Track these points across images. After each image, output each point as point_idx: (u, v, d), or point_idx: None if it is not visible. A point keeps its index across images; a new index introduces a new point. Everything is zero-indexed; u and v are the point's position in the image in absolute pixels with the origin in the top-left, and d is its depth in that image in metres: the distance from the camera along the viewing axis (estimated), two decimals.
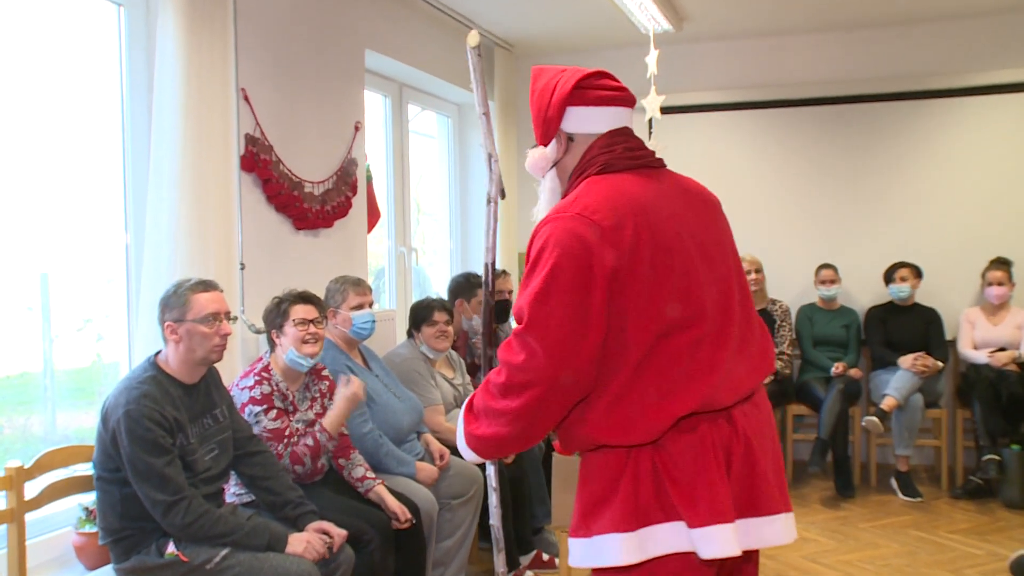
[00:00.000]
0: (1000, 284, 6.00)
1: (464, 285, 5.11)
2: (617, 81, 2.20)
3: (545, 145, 2.22)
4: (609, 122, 2.15)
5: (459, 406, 4.54)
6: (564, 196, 2.14)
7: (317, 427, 3.50)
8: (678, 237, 1.99)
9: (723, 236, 2.15)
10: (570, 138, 2.17)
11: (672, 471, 1.94)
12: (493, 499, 2.54)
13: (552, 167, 2.23)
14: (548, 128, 2.17)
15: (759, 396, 2.12)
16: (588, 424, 1.99)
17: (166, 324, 2.93)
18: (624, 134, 2.15)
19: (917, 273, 6.21)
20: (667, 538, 1.94)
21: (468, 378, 4.77)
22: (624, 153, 2.10)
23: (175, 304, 2.93)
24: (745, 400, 2.05)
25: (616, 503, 1.96)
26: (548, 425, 2.02)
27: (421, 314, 4.52)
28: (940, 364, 5.91)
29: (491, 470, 2.49)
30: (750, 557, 2.14)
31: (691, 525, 1.91)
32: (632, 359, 1.93)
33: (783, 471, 2.13)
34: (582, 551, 2.03)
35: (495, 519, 2.58)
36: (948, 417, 6.09)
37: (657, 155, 2.19)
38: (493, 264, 2.43)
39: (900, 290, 6.16)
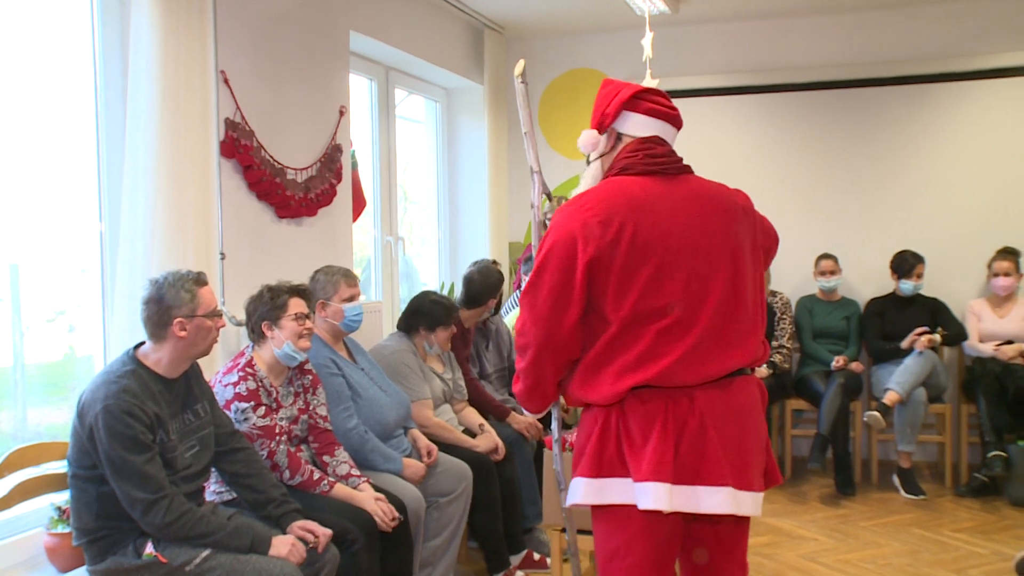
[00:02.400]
0: (1007, 275, 5.93)
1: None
2: (670, 102, 2.57)
3: (599, 133, 2.58)
4: (653, 131, 2.52)
5: (448, 401, 4.52)
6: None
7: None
8: (666, 236, 2.34)
9: (732, 239, 2.44)
10: (619, 137, 2.55)
11: (628, 432, 2.37)
12: (556, 449, 3.03)
13: (599, 158, 2.60)
14: (603, 121, 2.55)
15: (736, 383, 2.42)
16: (573, 384, 2.48)
17: (177, 320, 2.86)
18: (653, 142, 2.50)
19: (924, 266, 6.13)
20: (618, 490, 2.36)
21: (459, 372, 4.67)
22: (644, 159, 2.45)
23: (187, 300, 2.88)
24: (713, 383, 2.37)
25: (588, 453, 2.42)
26: (550, 380, 2.49)
27: (440, 317, 4.43)
28: (939, 337, 5.82)
29: (555, 425, 2.98)
30: (718, 531, 2.51)
31: (634, 480, 2.32)
32: (606, 335, 2.36)
33: (754, 453, 2.43)
34: (571, 491, 2.46)
35: (557, 464, 3.03)
36: (952, 412, 6.01)
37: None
38: (530, 259, 2.80)
39: (917, 287, 6.09)
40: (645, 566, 2.41)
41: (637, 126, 2.52)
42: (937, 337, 5.82)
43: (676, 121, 2.56)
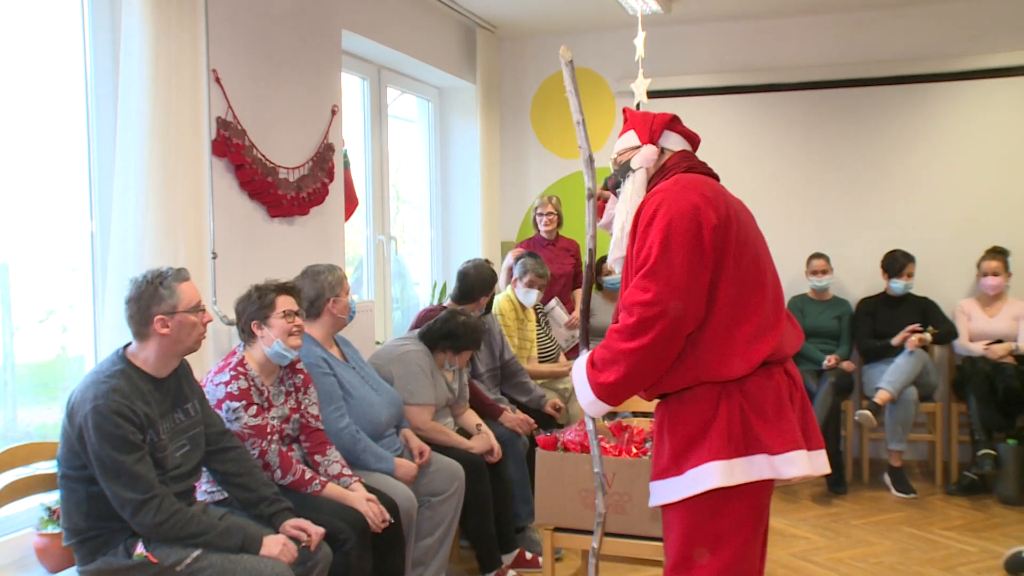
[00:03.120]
0: (995, 275, 5.95)
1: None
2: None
3: (645, 142, 2.75)
4: (685, 148, 2.78)
5: (449, 406, 4.54)
6: (650, 191, 2.65)
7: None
8: (749, 223, 2.59)
9: (764, 239, 2.69)
10: (662, 151, 2.74)
11: (757, 408, 2.44)
12: (596, 450, 2.82)
13: (641, 168, 2.72)
14: (653, 137, 2.74)
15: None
16: (698, 357, 2.46)
17: (157, 318, 2.84)
18: (694, 155, 2.78)
19: (915, 265, 6.15)
20: (751, 468, 2.42)
21: (465, 379, 4.66)
22: (700, 164, 2.71)
23: (166, 296, 2.86)
24: (791, 358, 2.62)
25: (713, 436, 2.43)
26: (671, 356, 2.45)
27: (469, 342, 4.46)
28: (929, 336, 5.83)
29: (590, 423, 2.83)
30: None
31: (774, 453, 2.41)
32: (727, 303, 2.44)
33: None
34: (673, 487, 2.48)
35: (598, 466, 2.84)
36: (943, 411, 6.03)
37: None
38: (593, 251, 2.82)
39: (908, 286, 6.10)
40: (755, 539, 2.52)
41: (675, 142, 2.76)
42: (928, 336, 5.82)
43: (698, 144, 2.83)
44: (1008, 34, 6.25)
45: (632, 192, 2.71)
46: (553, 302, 5.96)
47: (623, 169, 2.77)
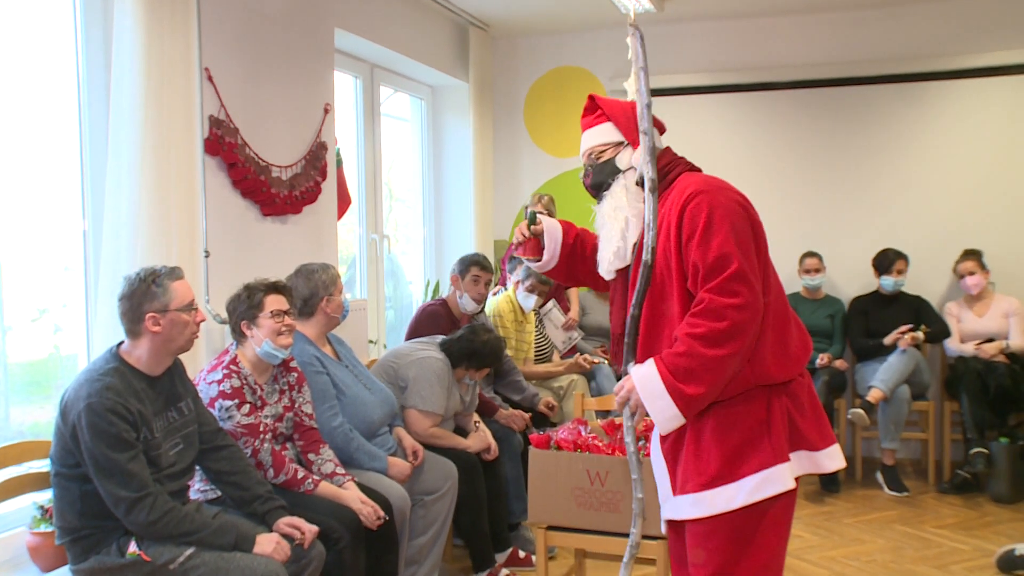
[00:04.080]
0: (972, 273, 5.98)
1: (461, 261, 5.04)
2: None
3: (635, 148, 2.62)
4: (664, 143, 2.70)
5: (456, 413, 4.50)
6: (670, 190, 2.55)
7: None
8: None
9: None
10: None
11: (799, 406, 2.45)
12: (636, 475, 2.53)
13: (629, 169, 2.64)
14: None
15: None
16: (760, 361, 2.37)
17: (149, 315, 2.84)
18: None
19: (907, 262, 6.16)
20: (798, 465, 2.44)
21: (478, 390, 4.63)
22: (688, 162, 2.65)
23: (158, 294, 2.86)
24: None
25: (773, 439, 2.39)
26: (745, 359, 2.36)
27: (490, 361, 4.46)
28: (921, 334, 5.83)
29: (631, 441, 2.55)
30: None
31: (817, 448, 2.45)
32: (773, 306, 2.41)
33: None
34: (729, 495, 2.38)
35: (640, 492, 2.57)
36: (935, 410, 6.04)
37: None
38: (654, 248, 2.42)
39: (897, 283, 6.10)
40: (788, 535, 2.54)
41: (660, 141, 2.68)
42: (920, 335, 5.83)
43: (663, 130, 2.75)
44: (1000, 33, 6.27)
45: (628, 197, 2.60)
46: (550, 304, 5.96)
47: (608, 169, 2.66)
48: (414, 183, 7.01)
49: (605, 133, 2.68)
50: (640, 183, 2.53)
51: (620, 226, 2.59)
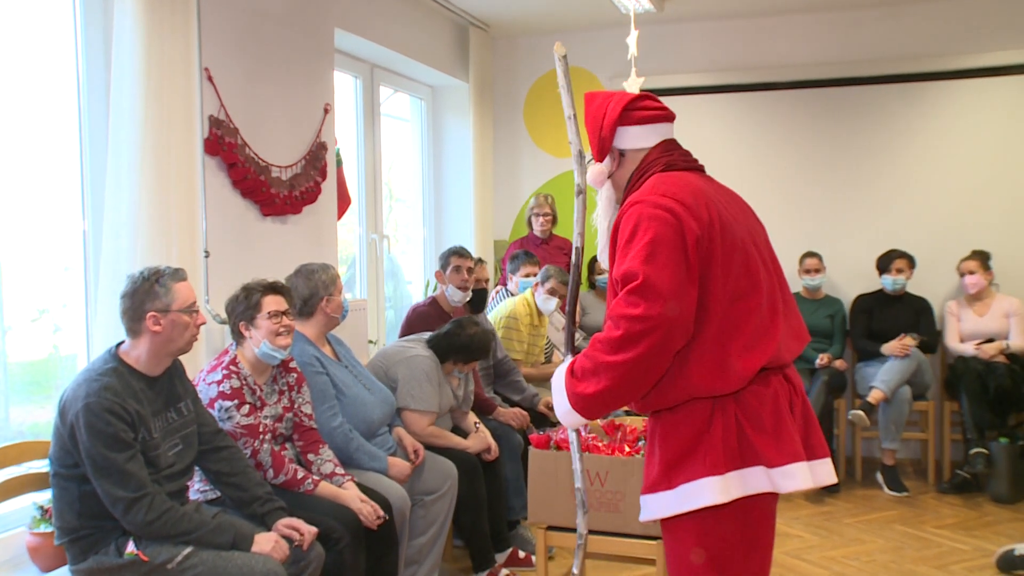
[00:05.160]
0: (972, 272, 5.97)
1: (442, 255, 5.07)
2: (659, 102, 2.60)
3: (600, 161, 2.60)
4: (655, 137, 2.56)
5: (450, 412, 4.50)
6: (624, 200, 2.48)
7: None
8: (736, 223, 2.40)
9: (763, 231, 2.56)
10: (622, 154, 2.57)
11: (753, 419, 2.32)
12: (578, 465, 2.67)
13: (607, 179, 2.61)
14: (603, 146, 2.57)
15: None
16: (687, 375, 2.31)
17: (150, 315, 2.84)
18: (675, 144, 2.57)
19: (911, 263, 6.14)
20: (748, 481, 2.30)
21: (471, 386, 4.64)
22: (681, 158, 2.53)
23: (161, 294, 2.86)
24: (791, 364, 2.51)
25: (705, 450, 2.31)
26: (657, 374, 2.29)
27: (478, 354, 4.43)
28: (916, 341, 5.82)
29: (572, 436, 2.71)
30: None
31: (771, 465, 2.30)
32: (717, 316, 2.30)
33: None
34: (665, 502, 2.36)
35: (579, 481, 2.70)
36: (935, 410, 6.04)
37: None
38: (580, 249, 2.63)
39: (896, 282, 6.08)
40: (753, 556, 2.40)
41: (636, 138, 2.55)
42: (910, 341, 5.81)
43: (670, 117, 2.60)
44: (1000, 33, 6.27)
45: (603, 208, 2.63)
46: (553, 304, 5.94)
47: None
48: (414, 183, 7.00)
49: (595, 171, 2.66)
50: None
51: (602, 229, 2.62)
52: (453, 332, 4.37)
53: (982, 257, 6.02)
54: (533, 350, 5.47)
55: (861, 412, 5.61)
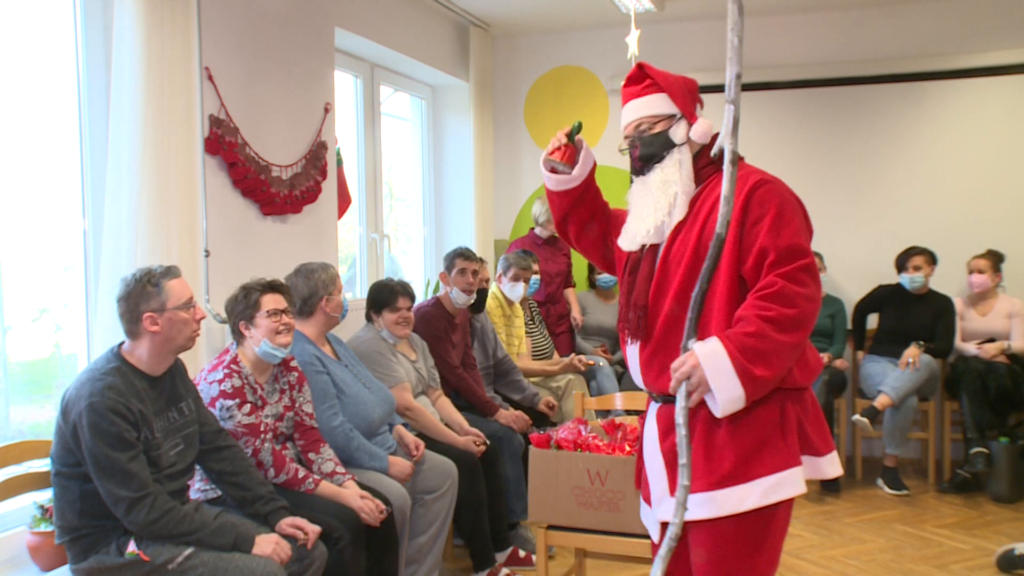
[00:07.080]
0: (980, 272, 5.92)
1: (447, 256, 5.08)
2: None
3: (692, 114, 2.59)
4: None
5: (424, 391, 4.52)
6: (700, 170, 2.54)
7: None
8: None
9: None
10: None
11: (809, 412, 2.44)
12: (683, 431, 2.21)
13: (685, 144, 2.57)
14: (693, 109, 2.61)
15: None
16: (797, 365, 2.37)
17: (146, 316, 2.84)
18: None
19: (932, 260, 6.01)
20: (807, 470, 2.41)
21: (431, 360, 4.66)
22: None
23: (155, 294, 2.86)
24: None
25: (786, 441, 2.35)
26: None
27: (382, 297, 4.43)
28: (922, 349, 5.78)
29: (683, 431, 2.24)
30: None
31: (822, 454, 2.43)
32: None
33: None
34: (741, 496, 2.32)
35: (684, 457, 2.43)
36: (936, 409, 6.03)
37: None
38: (723, 236, 2.22)
39: (914, 280, 6.00)
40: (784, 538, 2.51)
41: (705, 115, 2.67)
42: (916, 351, 5.73)
43: None
44: (1001, 33, 6.26)
45: (681, 173, 2.51)
46: (520, 289, 5.67)
47: (661, 141, 2.55)
48: (414, 183, 7.01)
49: (658, 104, 2.57)
50: (715, 157, 2.47)
51: (668, 201, 2.48)
52: (375, 288, 4.48)
53: (994, 258, 5.97)
54: (512, 340, 5.52)
55: (865, 420, 5.54)
